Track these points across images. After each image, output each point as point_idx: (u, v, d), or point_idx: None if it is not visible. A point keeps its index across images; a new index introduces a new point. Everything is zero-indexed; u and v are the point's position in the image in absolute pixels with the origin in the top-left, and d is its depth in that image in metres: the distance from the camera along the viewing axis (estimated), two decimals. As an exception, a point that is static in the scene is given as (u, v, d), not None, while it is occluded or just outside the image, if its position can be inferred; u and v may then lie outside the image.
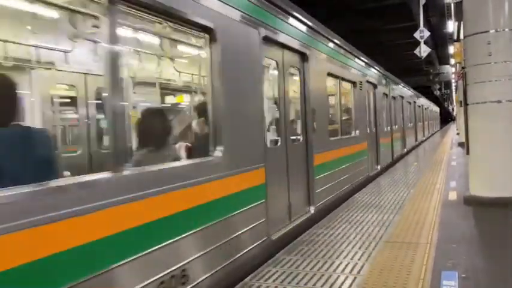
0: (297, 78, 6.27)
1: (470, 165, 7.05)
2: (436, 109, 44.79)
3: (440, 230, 5.35)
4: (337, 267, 4.22)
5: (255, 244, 4.34)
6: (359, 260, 4.39)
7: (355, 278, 3.90)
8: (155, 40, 5.51)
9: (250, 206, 4.29)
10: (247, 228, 4.19)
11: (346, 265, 4.25)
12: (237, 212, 4.03)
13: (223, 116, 3.93)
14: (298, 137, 6.18)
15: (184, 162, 3.85)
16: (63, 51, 5.07)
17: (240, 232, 4.06)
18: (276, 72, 5.59)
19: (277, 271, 4.17)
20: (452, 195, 7.58)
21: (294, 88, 6.22)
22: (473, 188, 6.89)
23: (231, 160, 3.99)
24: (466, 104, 7.05)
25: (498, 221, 5.83)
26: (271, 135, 5.62)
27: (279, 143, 5.44)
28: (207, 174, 3.63)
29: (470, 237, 5.12)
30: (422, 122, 26.63)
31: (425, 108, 29.79)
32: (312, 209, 6.14)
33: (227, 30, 4.05)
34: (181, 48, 6.14)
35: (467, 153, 7.12)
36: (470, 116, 6.98)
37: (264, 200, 4.59)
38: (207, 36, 3.84)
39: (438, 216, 6.09)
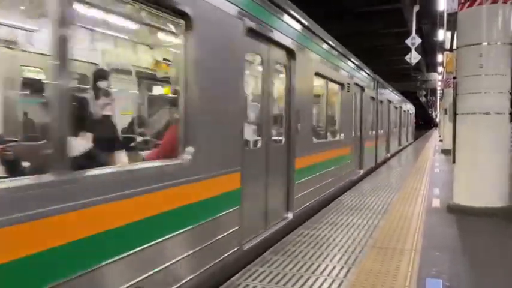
0: None
1: (456, 174, 7.15)
2: (411, 108, 30.33)
3: (425, 237, 5.43)
4: (324, 269, 4.25)
5: None
6: (345, 263, 4.42)
7: (341, 281, 3.93)
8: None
9: None
10: None
11: (333, 268, 4.28)
12: None
13: None
14: None
15: None
16: None
17: None
18: None
19: (264, 271, 4.18)
20: (436, 203, 7.69)
21: None
22: (457, 197, 7.00)
23: None
24: (455, 114, 7.13)
25: (481, 231, 5.95)
26: None
27: None
28: None
29: (454, 245, 5.21)
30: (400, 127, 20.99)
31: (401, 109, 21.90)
32: None
33: None
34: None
35: (453, 161, 7.22)
36: (458, 126, 7.07)
37: None
38: None
39: (422, 223, 6.18)
